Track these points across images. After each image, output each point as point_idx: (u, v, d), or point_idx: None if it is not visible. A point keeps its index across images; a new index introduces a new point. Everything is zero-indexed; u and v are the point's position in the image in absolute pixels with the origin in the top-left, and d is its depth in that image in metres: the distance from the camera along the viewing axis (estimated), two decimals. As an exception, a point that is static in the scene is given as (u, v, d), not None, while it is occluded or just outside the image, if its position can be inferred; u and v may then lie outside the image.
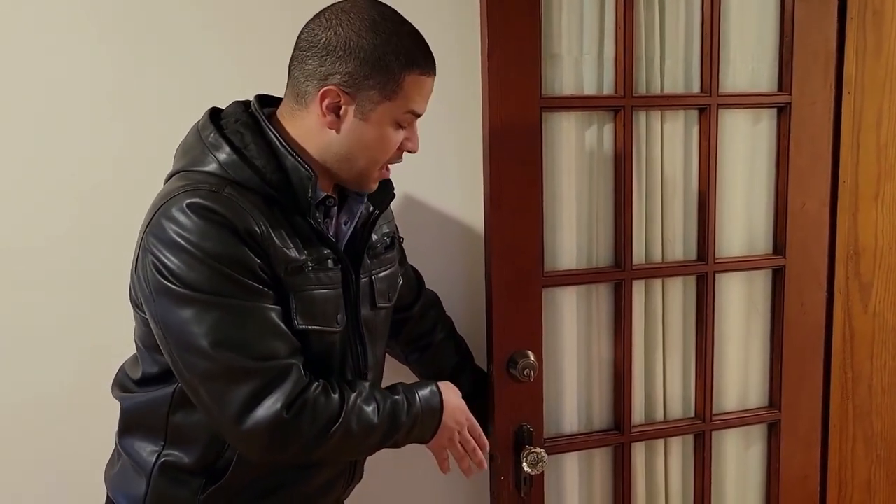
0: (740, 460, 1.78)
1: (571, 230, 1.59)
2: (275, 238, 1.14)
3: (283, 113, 1.23)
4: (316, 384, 1.15)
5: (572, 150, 1.57)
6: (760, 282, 1.73)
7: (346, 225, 1.31)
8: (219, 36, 1.53)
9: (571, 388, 1.64)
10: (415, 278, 1.58)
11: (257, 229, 1.11)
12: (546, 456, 1.52)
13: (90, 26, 1.48)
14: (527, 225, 1.50)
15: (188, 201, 1.09)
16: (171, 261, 1.09)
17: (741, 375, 1.74)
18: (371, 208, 1.34)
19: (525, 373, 1.50)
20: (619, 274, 1.59)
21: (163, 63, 1.51)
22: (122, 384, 1.31)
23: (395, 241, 1.44)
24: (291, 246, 1.16)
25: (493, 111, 1.45)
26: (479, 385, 1.59)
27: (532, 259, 1.52)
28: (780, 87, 1.66)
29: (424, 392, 1.28)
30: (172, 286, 1.09)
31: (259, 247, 1.11)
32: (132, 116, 1.51)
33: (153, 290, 1.11)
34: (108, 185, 1.49)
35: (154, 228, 1.11)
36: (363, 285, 1.31)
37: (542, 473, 1.54)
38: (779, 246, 1.70)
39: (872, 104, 1.72)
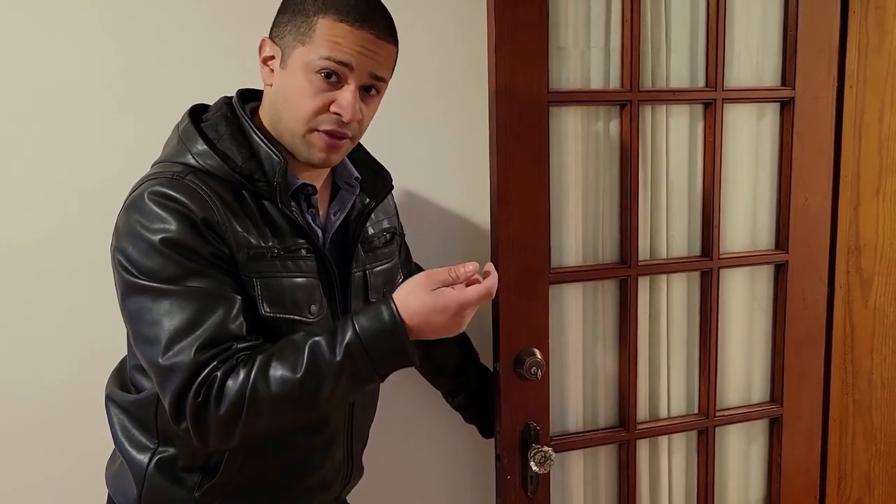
0: (742, 455, 1.78)
1: (577, 226, 1.57)
2: (236, 224, 1.13)
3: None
4: (230, 361, 1.08)
5: (578, 144, 1.55)
6: (763, 277, 1.72)
7: (335, 216, 1.29)
8: (227, 30, 1.51)
9: (576, 385, 1.63)
10: None
11: (215, 216, 1.11)
12: (553, 454, 1.50)
13: (97, 22, 1.47)
14: (534, 221, 1.48)
15: (149, 190, 1.11)
16: (128, 249, 1.10)
17: (743, 371, 1.74)
18: (367, 200, 1.32)
19: (532, 371, 1.49)
20: (625, 270, 1.58)
21: (171, 58, 1.50)
22: (115, 382, 1.30)
23: (395, 237, 1.42)
24: (255, 233, 1.15)
25: (501, 106, 1.43)
26: (484, 383, 1.58)
27: (539, 255, 1.50)
28: (784, 82, 1.66)
29: (364, 318, 1.11)
30: (128, 275, 1.10)
31: (215, 234, 1.11)
32: (139, 112, 1.50)
33: (116, 280, 1.13)
34: (114, 181, 1.46)
35: (119, 220, 1.14)
36: (356, 279, 1.29)
37: (549, 472, 1.53)
38: (781, 241, 1.70)
39: (874, 99, 1.72)
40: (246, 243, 1.14)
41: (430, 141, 1.64)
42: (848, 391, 1.81)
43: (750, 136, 1.66)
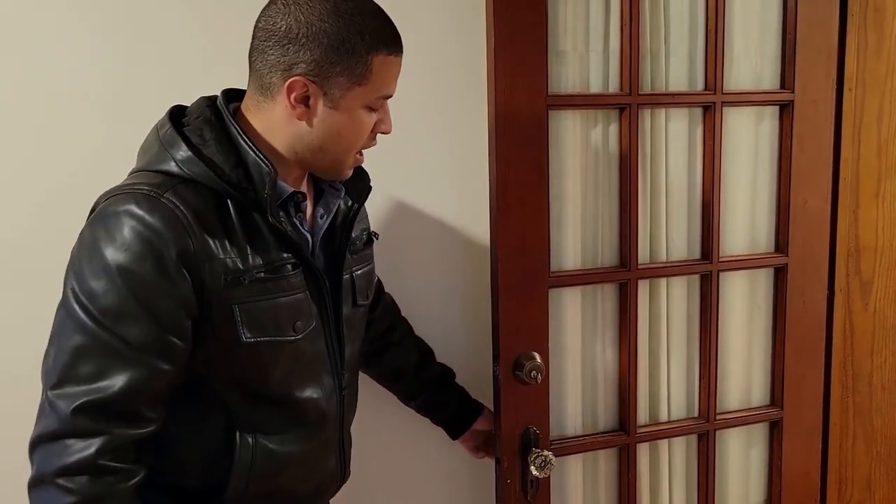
0: (742, 458, 1.78)
1: (576, 229, 1.57)
2: (214, 249, 1.07)
3: (248, 106, 1.17)
4: (105, 455, 1.00)
5: (577, 148, 1.55)
6: (762, 280, 1.72)
7: (321, 219, 1.26)
8: (218, 35, 1.50)
9: (575, 389, 1.63)
10: (378, 280, 1.55)
11: (191, 245, 1.05)
12: (553, 458, 1.50)
13: (93, 25, 1.45)
14: (533, 225, 1.48)
15: (124, 208, 1.04)
16: (83, 262, 1.04)
17: (743, 374, 1.74)
18: (350, 202, 1.30)
19: (531, 375, 1.48)
20: (624, 274, 1.58)
21: (164, 63, 1.48)
22: None
23: (371, 237, 1.40)
24: (235, 252, 1.09)
25: (500, 109, 1.43)
26: (445, 379, 1.59)
27: (538, 259, 1.50)
28: (783, 85, 1.65)
29: None
30: (71, 289, 1.04)
31: (186, 267, 1.04)
32: (139, 116, 1.48)
33: (64, 282, 1.06)
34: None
35: (85, 229, 1.07)
36: (345, 282, 1.28)
37: (549, 476, 1.53)
38: (781, 244, 1.70)
39: (873, 101, 1.72)
40: (223, 269, 1.08)
41: (429, 145, 1.64)
42: (848, 394, 1.81)
43: (749, 139, 1.66)
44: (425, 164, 1.64)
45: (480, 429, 1.60)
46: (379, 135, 1.21)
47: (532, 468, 1.49)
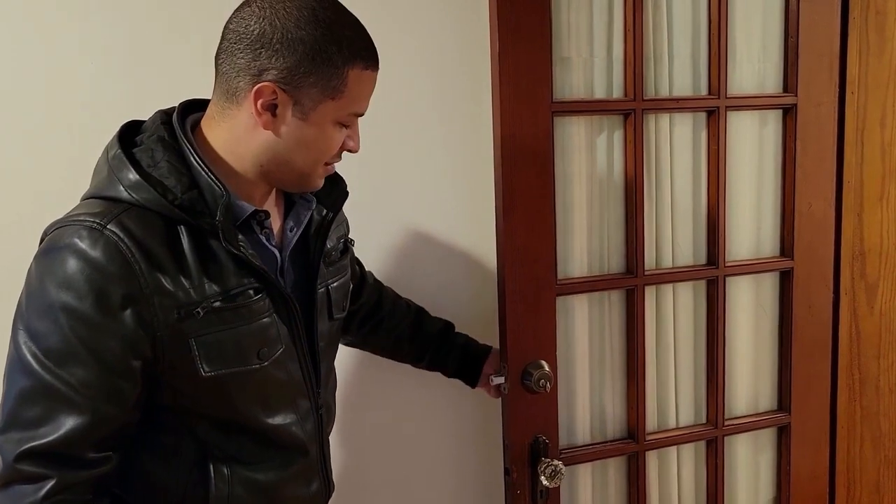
0: (751, 464, 1.77)
1: (582, 236, 1.57)
2: (164, 282, 1.01)
3: (212, 114, 1.11)
4: (52, 498, 0.97)
5: (582, 154, 1.54)
6: (768, 284, 1.72)
7: (291, 232, 1.20)
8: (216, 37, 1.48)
9: (584, 397, 1.62)
10: (357, 261, 1.52)
11: (136, 281, 0.99)
12: (563, 468, 1.49)
13: (93, 30, 1.43)
14: (540, 232, 1.47)
15: (67, 244, 0.99)
16: (29, 300, 1.01)
17: (751, 379, 1.73)
18: (324, 212, 1.24)
19: (540, 384, 1.47)
20: (631, 280, 1.57)
21: (167, 65, 1.46)
22: None
23: (348, 245, 1.35)
24: (188, 284, 1.04)
25: (505, 117, 1.42)
26: (445, 333, 1.57)
27: (545, 267, 1.49)
28: (786, 89, 1.65)
29: None
30: (18, 327, 1.01)
31: (132, 308, 1.00)
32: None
33: (13, 320, 1.03)
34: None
35: (32, 264, 1.03)
36: (320, 296, 1.23)
37: (559, 486, 1.51)
38: (786, 248, 1.69)
39: (876, 104, 1.72)
40: (174, 303, 1.02)
41: (434, 153, 1.63)
42: (855, 398, 1.80)
43: (753, 143, 1.66)
44: (430, 172, 1.63)
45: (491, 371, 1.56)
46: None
47: (542, 478, 1.48)
